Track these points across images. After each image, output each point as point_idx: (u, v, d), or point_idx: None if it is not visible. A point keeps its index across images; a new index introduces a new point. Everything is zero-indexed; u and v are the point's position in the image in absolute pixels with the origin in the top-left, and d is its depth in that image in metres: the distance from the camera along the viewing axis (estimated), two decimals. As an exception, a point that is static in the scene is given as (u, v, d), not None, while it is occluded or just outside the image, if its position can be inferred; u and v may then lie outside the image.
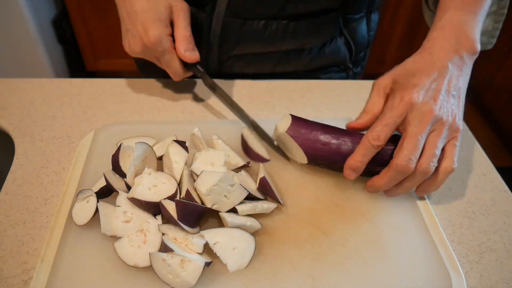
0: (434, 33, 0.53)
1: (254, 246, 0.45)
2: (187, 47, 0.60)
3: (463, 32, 0.52)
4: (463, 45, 0.51)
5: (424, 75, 0.49)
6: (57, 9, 1.98)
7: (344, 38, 0.78)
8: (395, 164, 0.47)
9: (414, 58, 0.52)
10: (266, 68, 0.79)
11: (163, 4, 0.59)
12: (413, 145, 0.47)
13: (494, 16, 0.67)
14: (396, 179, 0.49)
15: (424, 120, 0.47)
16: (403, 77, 0.51)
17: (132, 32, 0.60)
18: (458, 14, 0.53)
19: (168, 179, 0.48)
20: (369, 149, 0.49)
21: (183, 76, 0.65)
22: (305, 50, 0.77)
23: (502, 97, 2.08)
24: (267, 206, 0.49)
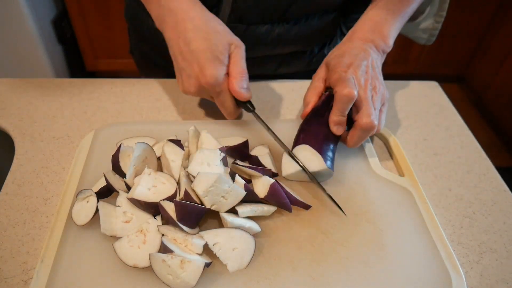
0: (356, 26, 0.63)
1: (254, 247, 0.45)
2: (242, 84, 0.58)
3: (380, 28, 0.61)
4: (377, 38, 0.60)
5: (353, 55, 0.57)
6: (57, 9, 1.98)
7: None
8: (361, 124, 0.53)
9: (338, 46, 0.61)
10: (269, 71, 0.79)
11: (221, 42, 0.56)
12: (369, 105, 0.53)
13: (435, 16, 0.75)
14: (363, 137, 0.55)
15: (366, 87, 0.55)
16: (334, 59, 0.58)
17: (188, 72, 0.56)
18: (380, 13, 0.62)
19: (168, 179, 0.48)
20: (345, 103, 0.53)
21: (236, 115, 0.63)
22: (306, 51, 0.77)
23: (502, 97, 2.08)
24: (267, 208, 0.49)
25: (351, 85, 0.53)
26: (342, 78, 0.54)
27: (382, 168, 0.59)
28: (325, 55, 0.78)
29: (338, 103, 0.54)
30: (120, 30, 2.02)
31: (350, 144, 0.56)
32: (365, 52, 0.58)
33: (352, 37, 0.62)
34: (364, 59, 0.57)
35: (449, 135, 0.68)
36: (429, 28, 0.77)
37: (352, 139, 0.55)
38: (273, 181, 0.49)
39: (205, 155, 0.50)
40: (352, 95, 0.52)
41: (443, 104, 0.75)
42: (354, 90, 0.53)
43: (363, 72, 0.56)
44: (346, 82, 0.53)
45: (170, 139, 0.53)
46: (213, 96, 0.60)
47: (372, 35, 0.61)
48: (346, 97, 0.53)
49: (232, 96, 0.59)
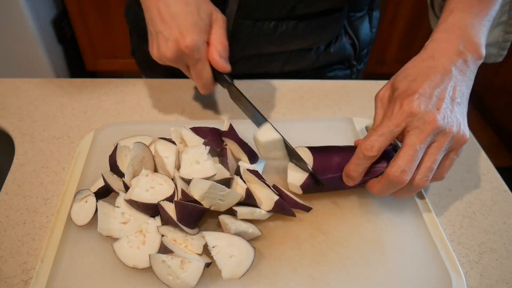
0: (437, 34, 0.50)
1: (253, 258, 0.44)
2: (222, 53, 0.55)
3: (467, 35, 0.49)
4: (467, 48, 0.48)
5: (426, 80, 0.46)
6: (57, 9, 1.98)
7: (348, 36, 0.79)
8: (388, 173, 0.45)
9: (414, 61, 0.50)
10: (275, 68, 0.79)
11: (204, 9, 0.55)
12: (409, 156, 0.44)
13: (504, 26, 0.63)
14: (389, 189, 0.47)
15: (425, 131, 0.44)
16: (402, 82, 0.48)
17: (165, 35, 0.53)
18: (464, 17, 0.50)
19: (165, 180, 0.48)
20: (361, 159, 0.46)
21: (211, 89, 0.59)
22: (312, 49, 0.78)
23: (502, 97, 2.08)
24: (264, 212, 0.48)
25: (378, 142, 0.45)
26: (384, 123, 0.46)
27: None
28: (331, 53, 0.79)
29: (355, 156, 0.47)
30: (120, 30, 2.02)
31: (373, 190, 0.49)
32: (446, 74, 0.46)
33: (434, 50, 0.49)
34: (439, 87, 0.46)
35: (449, 135, 0.68)
36: (498, 41, 0.64)
37: (375, 186, 0.48)
38: (278, 198, 0.48)
39: (191, 155, 0.49)
40: (370, 155, 0.45)
41: (443, 104, 0.75)
42: (375, 151, 0.45)
43: (433, 107, 0.44)
44: (375, 135, 0.45)
45: (161, 137, 0.53)
46: (190, 65, 0.56)
47: (461, 45, 0.48)
48: (362, 154, 0.46)
49: (210, 67, 0.56)
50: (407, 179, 0.44)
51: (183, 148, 0.52)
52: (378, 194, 0.48)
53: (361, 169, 0.47)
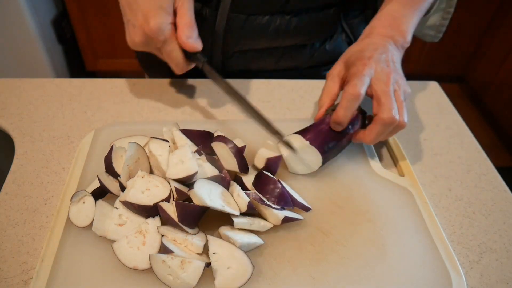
0: (374, 21, 0.62)
1: (249, 277, 0.43)
2: (190, 34, 0.57)
3: (398, 24, 0.60)
4: (396, 33, 0.59)
5: (372, 50, 0.56)
6: (57, 9, 1.98)
7: (345, 35, 0.79)
8: (382, 118, 0.51)
9: (356, 43, 0.60)
10: (269, 64, 0.79)
11: None
12: (391, 99, 0.52)
13: (442, 13, 0.73)
14: (383, 132, 0.53)
15: (388, 80, 0.53)
16: (353, 55, 0.56)
17: (133, 22, 0.57)
18: (397, 8, 0.61)
19: (161, 182, 0.48)
20: (350, 101, 0.52)
21: (185, 69, 0.61)
22: (307, 45, 0.77)
23: (502, 97, 2.08)
24: (263, 224, 0.48)
25: (359, 84, 0.52)
26: (357, 73, 0.53)
27: (382, 168, 0.59)
28: (327, 51, 0.79)
29: (343, 100, 0.52)
30: (120, 30, 2.02)
31: (368, 139, 0.54)
32: (385, 47, 0.57)
33: (370, 33, 0.60)
34: (384, 53, 0.56)
35: (449, 135, 0.68)
36: (436, 25, 0.75)
37: (371, 134, 0.54)
38: (284, 216, 0.47)
39: (177, 155, 0.49)
40: (358, 94, 0.51)
41: (443, 104, 0.75)
42: (361, 90, 0.51)
43: (385, 65, 0.54)
44: (357, 80, 0.52)
45: (154, 137, 0.53)
46: (159, 47, 0.58)
47: (391, 30, 0.59)
48: (351, 95, 0.51)
49: (181, 48, 0.58)
50: (397, 119, 0.52)
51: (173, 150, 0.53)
52: (375, 140, 0.54)
53: (349, 112, 0.53)
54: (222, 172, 0.51)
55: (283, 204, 0.49)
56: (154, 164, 0.51)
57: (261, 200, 0.48)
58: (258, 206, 0.49)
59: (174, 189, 0.47)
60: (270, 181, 0.50)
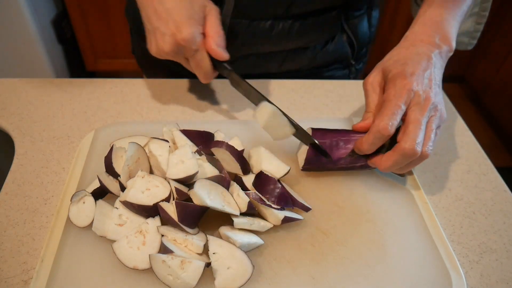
0: (416, 27, 0.57)
1: (249, 277, 0.43)
2: (220, 43, 0.58)
3: (442, 30, 0.56)
4: (442, 41, 0.55)
5: (416, 64, 0.51)
6: (57, 9, 1.98)
7: (346, 35, 0.79)
8: (403, 148, 0.48)
9: (398, 49, 0.55)
10: (272, 68, 0.79)
11: (197, 2, 0.57)
12: (419, 130, 0.48)
13: (476, 17, 0.69)
14: (400, 163, 0.49)
15: (425, 106, 0.49)
16: (394, 66, 0.52)
17: (162, 31, 0.55)
18: (440, 12, 0.57)
19: (161, 182, 0.48)
20: (377, 138, 0.49)
21: (212, 78, 0.61)
22: (309, 47, 0.77)
23: (502, 97, 2.08)
24: (263, 224, 0.48)
25: (391, 121, 0.48)
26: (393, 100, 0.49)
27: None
28: (328, 52, 0.79)
29: (370, 135, 0.50)
30: (120, 30, 2.02)
31: (383, 166, 0.51)
32: (429, 59, 0.53)
33: (414, 40, 0.56)
34: (428, 69, 0.52)
35: (449, 135, 0.68)
36: (469, 31, 0.70)
37: (387, 162, 0.50)
38: (284, 216, 0.48)
39: (177, 155, 0.49)
40: (387, 134, 0.48)
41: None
42: (391, 130, 0.48)
43: (427, 87, 0.50)
44: (391, 113, 0.48)
45: (154, 137, 0.53)
46: (188, 57, 0.58)
47: (436, 38, 0.55)
48: (379, 133, 0.49)
49: (209, 57, 0.58)
50: (419, 151, 0.48)
51: (173, 150, 0.53)
52: (390, 168, 0.50)
53: (375, 147, 0.51)
54: (222, 172, 0.51)
55: (283, 204, 0.49)
56: (154, 164, 0.51)
57: (261, 200, 0.48)
58: (258, 206, 0.49)
59: (174, 189, 0.47)
60: (270, 181, 0.50)
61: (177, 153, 0.49)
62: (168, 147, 0.51)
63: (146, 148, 0.53)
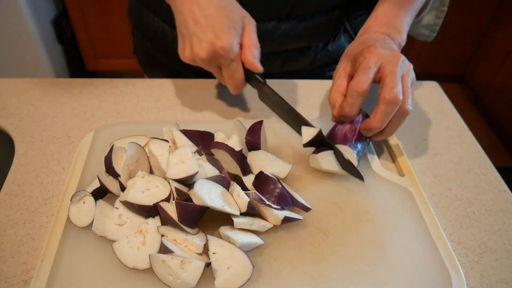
0: (368, 22, 0.63)
1: (249, 277, 0.43)
2: (256, 54, 0.58)
3: (392, 23, 0.61)
4: (392, 31, 0.60)
5: (374, 41, 0.56)
6: (57, 9, 1.98)
7: (347, 35, 0.79)
8: (384, 97, 0.51)
9: (354, 41, 0.60)
10: (275, 68, 0.79)
11: (237, 13, 0.57)
12: (395, 79, 0.51)
13: (436, 11, 0.73)
14: (388, 113, 0.52)
15: (396, 62, 0.52)
16: (357, 48, 0.56)
17: (200, 37, 0.54)
18: (391, 8, 0.62)
19: (161, 182, 0.48)
20: (355, 97, 0.52)
21: (242, 89, 0.61)
22: (311, 47, 0.78)
23: (502, 97, 2.08)
24: (263, 224, 0.48)
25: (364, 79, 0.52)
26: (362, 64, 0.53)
27: (382, 168, 0.59)
28: (330, 51, 0.79)
29: (348, 97, 0.53)
30: (120, 30, 2.02)
31: (373, 122, 0.53)
32: (384, 40, 0.57)
33: (366, 31, 0.61)
34: (385, 43, 0.56)
35: (449, 135, 0.68)
36: (430, 24, 0.75)
37: (376, 116, 0.52)
38: (284, 216, 0.48)
39: (177, 155, 0.49)
40: (362, 91, 0.51)
41: (443, 104, 0.75)
42: (365, 86, 0.51)
43: (391, 50, 0.54)
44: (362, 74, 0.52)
45: (154, 137, 0.53)
46: (223, 66, 0.57)
47: (387, 29, 0.60)
48: (355, 92, 0.52)
49: (243, 68, 0.58)
50: (400, 98, 0.50)
51: (173, 150, 0.53)
52: (381, 122, 0.53)
53: (355, 108, 0.53)
54: (222, 172, 0.51)
55: (283, 204, 0.49)
56: (154, 164, 0.51)
57: (261, 200, 0.48)
58: (258, 206, 0.49)
59: (174, 189, 0.47)
60: (270, 181, 0.50)
61: (177, 153, 0.49)
62: (168, 147, 0.51)
63: (146, 148, 0.53)
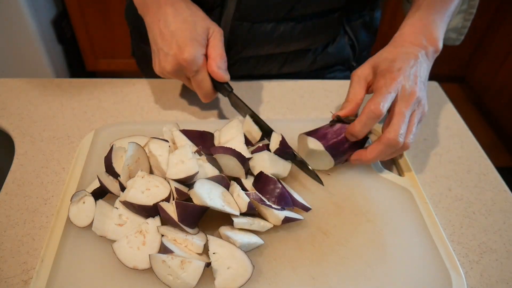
0: (405, 28, 0.60)
1: (249, 277, 0.43)
2: (221, 65, 0.60)
3: (429, 31, 0.58)
4: (428, 42, 0.58)
5: (404, 61, 0.54)
6: (57, 9, 1.98)
7: (347, 37, 0.79)
8: (387, 138, 0.50)
9: (388, 48, 0.58)
10: (273, 69, 0.79)
11: (200, 25, 0.59)
12: (402, 122, 0.51)
13: (464, 14, 0.72)
14: (385, 153, 0.52)
15: (410, 100, 0.52)
16: (383, 63, 0.55)
17: (165, 51, 0.58)
18: (428, 14, 0.59)
19: (161, 182, 0.48)
20: (370, 118, 0.51)
21: (212, 98, 0.63)
22: (310, 50, 0.77)
23: (502, 97, 2.08)
24: (263, 224, 0.48)
25: (383, 102, 0.50)
26: (383, 88, 0.52)
27: (382, 168, 0.59)
28: (329, 54, 0.79)
29: (363, 116, 0.51)
30: (120, 30, 2.02)
31: (368, 157, 0.53)
32: (416, 59, 0.55)
33: (403, 41, 0.58)
34: (414, 66, 0.54)
35: (449, 135, 0.68)
36: (457, 27, 0.74)
37: (372, 152, 0.52)
38: (284, 217, 0.48)
39: (177, 155, 0.49)
40: (379, 114, 0.50)
41: (443, 104, 0.75)
42: (383, 109, 0.50)
43: (413, 82, 0.53)
44: (382, 97, 0.51)
45: (154, 137, 0.53)
46: (189, 77, 0.60)
47: (423, 39, 0.58)
48: (372, 113, 0.51)
49: (210, 78, 0.61)
50: (402, 142, 0.51)
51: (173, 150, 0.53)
52: (375, 159, 0.53)
53: (367, 129, 0.52)
54: (222, 172, 0.51)
55: (283, 204, 0.49)
56: (154, 164, 0.51)
57: (261, 200, 0.48)
58: (258, 207, 0.49)
59: (174, 189, 0.47)
60: (270, 181, 0.50)
61: (177, 153, 0.49)
62: (168, 147, 0.51)
63: (146, 148, 0.53)
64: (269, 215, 0.48)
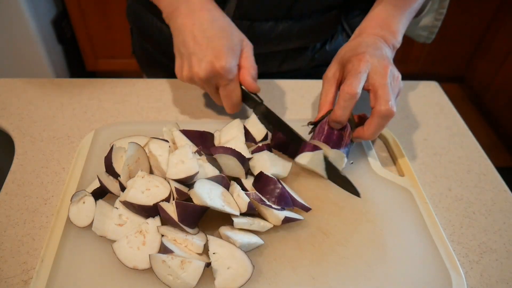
0: (364, 23, 0.62)
1: (249, 277, 0.43)
2: (255, 75, 0.60)
3: (388, 24, 0.60)
4: (386, 33, 0.60)
5: (365, 46, 0.56)
6: (57, 9, 1.98)
7: (345, 34, 0.79)
8: (380, 110, 0.51)
9: (347, 43, 0.60)
10: (272, 68, 0.79)
11: (237, 36, 0.59)
12: (388, 92, 0.52)
13: (435, 13, 0.73)
14: (382, 125, 0.52)
15: (385, 73, 0.53)
16: (347, 53, 0.56)
17: (199, 57, 0.57)
18: (387, 9, 0.62)
19: (161, 182, 0.48)
20: (347, 100, 0.52)
21: (239, 108, 0.63)
22: (309, 47, 0.78)
23: (502, 97, 2.08)
24: (263, 224, 0.48)
25: (355, 82, 0.51)
26: (352, 71, 0.53)
27: (382, 168, 0.59)
28: (327, 51, 0.79)
29: (340, 100, 0.52)
30: (120, 30, 2.02)
31: (367, 133, 0.53)
32: (377, 44, 0.57)
33: (361, 33, 0.61)
34: (378, 49, 0.56)
35: (449, 135, 0.68)
36: (428, 26, 0.75)
37: (370, 128, 0.53)
38: (284, 217, 0.48)
39: (177, 155, 0.49)
40: (354, 93, 0.51)
41: (443, 104, 0.75)
42: (357, 89, 0.51)
43: (381, 58, 0.54)
44: (353, 78, 0.52)
45: (154, 137, 0.53)
46: (221, 85, 0.59)
47: (381, 30, 0.60)
48: (348, 94, 0.51)
49: (240, 88, 0.61)
50: (395, 111, 0.51)
51: (173, 150, 0.53)
52: (375, 133, 0.53)
53: (347, 111, 0.53)
54: (222, 172, 0.51)
55: (283, 205, 0.49)
56: (154, 164, 0.51)
57: (261, 200, 0.48)
58: (258, 207, 0.49)
59: (174, 189, 0.47)
60: (270, 181, 0.50)
61: (177, 153, 0.49)
62: (168, 147, 0.51)
63: (146, 148, 0.53)
64: (269, 215, 0.48)
